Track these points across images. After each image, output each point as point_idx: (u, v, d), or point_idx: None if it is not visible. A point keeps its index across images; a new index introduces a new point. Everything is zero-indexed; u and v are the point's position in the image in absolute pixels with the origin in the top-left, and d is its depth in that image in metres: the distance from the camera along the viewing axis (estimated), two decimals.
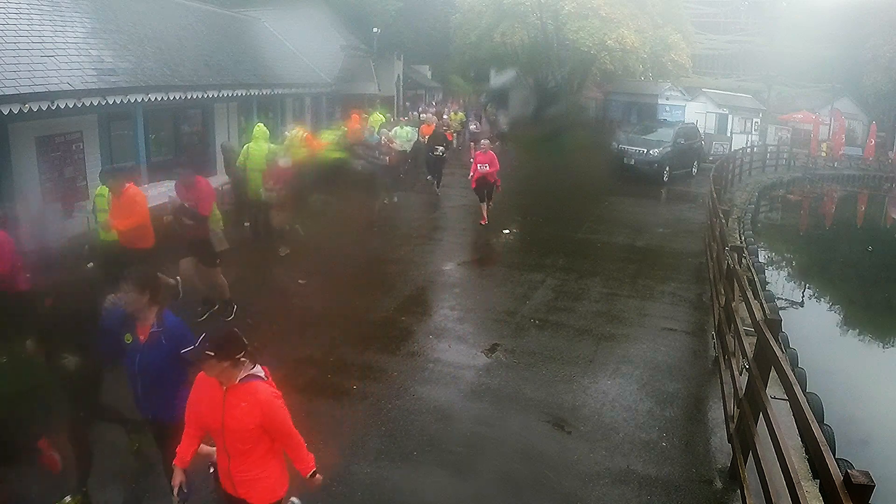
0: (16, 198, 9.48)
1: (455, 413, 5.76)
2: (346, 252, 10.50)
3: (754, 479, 4.25)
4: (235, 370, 3.08)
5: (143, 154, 11.63)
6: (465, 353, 7.01)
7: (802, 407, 3.48)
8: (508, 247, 12.05)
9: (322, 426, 5.38)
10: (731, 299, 6.66)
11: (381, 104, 23.21)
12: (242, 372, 3.12)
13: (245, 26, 19.25)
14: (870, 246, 17.62)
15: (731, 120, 30.80)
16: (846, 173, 28.59)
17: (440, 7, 31.94)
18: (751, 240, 14.16)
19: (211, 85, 13.45)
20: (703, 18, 36.43)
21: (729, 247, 7.74)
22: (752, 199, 20.35)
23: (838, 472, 2.84)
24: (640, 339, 7.65)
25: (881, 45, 30.35)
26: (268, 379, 3.24)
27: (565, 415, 5.79)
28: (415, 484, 4.76)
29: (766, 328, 4.63)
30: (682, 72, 27.25)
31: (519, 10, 26.29)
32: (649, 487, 4.81)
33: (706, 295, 9.28)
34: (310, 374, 6.32)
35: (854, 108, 32.35)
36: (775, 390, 5.10)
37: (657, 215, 15.59)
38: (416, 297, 8.83)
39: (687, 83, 31.47)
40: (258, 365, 3.21)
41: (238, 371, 3.09)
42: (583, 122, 30.99)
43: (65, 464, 4.54)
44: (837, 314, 12.87)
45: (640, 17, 25.07)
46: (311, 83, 19.12)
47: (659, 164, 19.79)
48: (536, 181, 18.85)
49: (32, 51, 9.56)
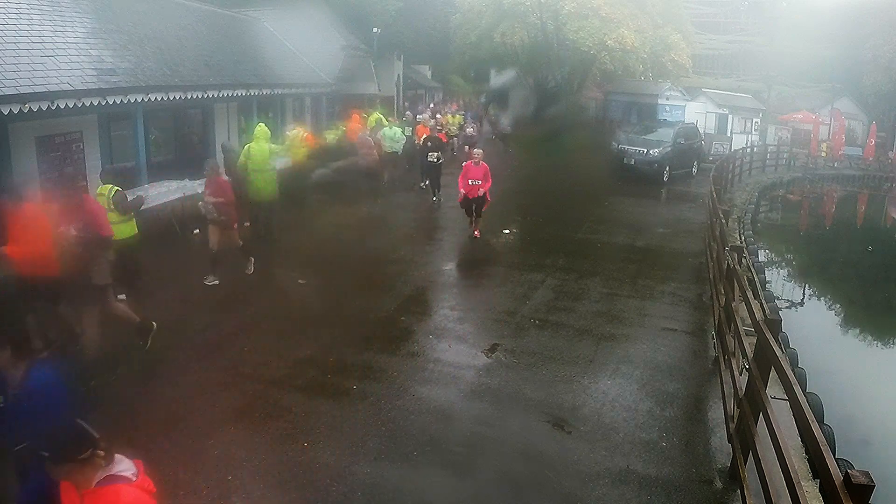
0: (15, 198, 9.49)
1: (455, 413, 5.76)
2: (345, 252, 10.51)
3: (754, 479, 4.25)
4: (86, 472, 2.46)
5: (143, 154, 11.64)
6: (465, 353, 7.01)
7: (802, 407, 3.48)
8: (508, 247, 12.05)
9: (322, 426, 5.39)
10: (731, 299, 6.66)
11: (381, 104, 23.20)
12: (101, 473, 2.48)
13: (245, 26, 19.25)
14: (870, 246, 17.61)
15: (731, 120, 30.80)
16: (846, 173, 28.58)
17: (440, 7, 31.94)
18: (751, 240, 14.17)
19: (211, 85, 13.45)
20: (703, 18, 36.43)
21: (729, 247, 7.73)
22: (752, 199, 20.34)
23: (838, 472, 2.84)
24: (640, 339, 7.65)
25: (881, 45, 30.36)
26: (138, 478, 2.55)
27: (565, 415, 5.79)
28: (415, 484, 4.76)
29: (766, 328, 4.63)
30: (682, 72, 27.26)
31: (519, 10, 26.29)
32: (649, 487, 4.81)
33: (706, 295, 9.27)
34: (310, 374, 6.32)
35: (854, 108, 32.35)
36: (775, 390, 5.10)
37: (657, 215, 15.58)
38: (416, 297, 8.83)
39: (687, 83, 31.47)
40: (128, 460, 2.58)
41: (92, 473, 2.46)
42: (583, 122, 30.99)
43: None
44: (837, 314, 12.87)
45: (640, 17, 25.08)
46: (311, 83, 19.13)
47: (659, 164, 19.79)
48: (536, 181, 18.86)
49: (32, 51, 9.56)
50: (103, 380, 5.78)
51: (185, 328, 7.24)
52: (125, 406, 5.54)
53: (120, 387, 5.86)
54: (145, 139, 11.87)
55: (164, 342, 6.89)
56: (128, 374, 6.11)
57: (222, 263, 8.78)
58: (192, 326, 7.30)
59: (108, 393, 5.74)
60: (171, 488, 4.52)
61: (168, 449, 4.95)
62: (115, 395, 5.72)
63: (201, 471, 4.73)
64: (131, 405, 5.56)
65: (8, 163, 9.46)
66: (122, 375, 6.09)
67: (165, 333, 7.11)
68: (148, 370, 6.23)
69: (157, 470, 4.65)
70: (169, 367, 6.33)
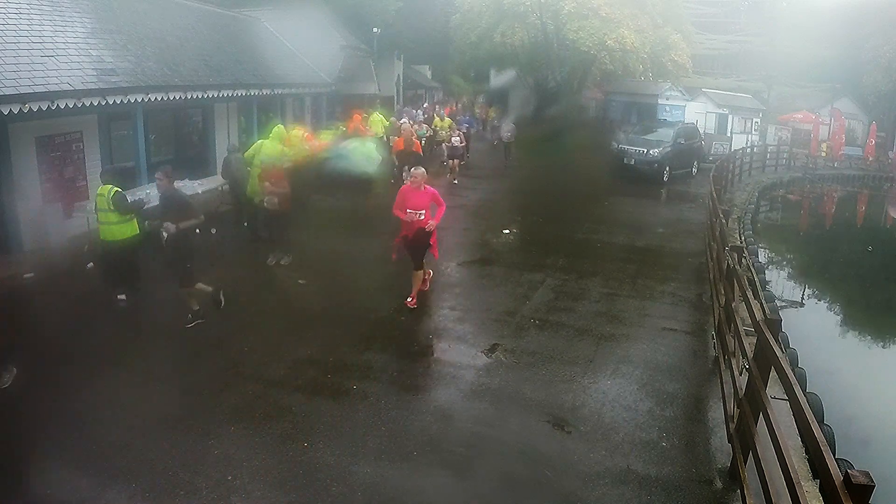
0: (15, 198, 9.50)
1: (455, 413, 5.76)
2: (345, 252, 10.50)
3: (754, 479, 4.25)
4: None
5: (143, 154, 11.65)
6: (465, 353, 7.01)
7: (802, 407, 3.48)
8: (508, 247, 12.04)
9: (322, 426, 5.39)
10: (731, 299, 6.66)
11: (381, 104, 23.17)
12: None
13: (245, 26, 19.25)
14: (870, 246, 17.61)
15: (731, 120, 30.79)
16: (846, 173, 28.58)
17: (440, 7, 31.96)
18: (751, 240, 14.17)
19: (211, 85, 13.45)
20: (703, 18, 36.42)
21: (729, 247, 7.73)
22: (752, 199, 20.34)
23: (838, 472, 2.84)
24: (640, 339, 7.65)
25: (881, 45, 30.38)
26: None
27: (565, 415, 5.79)
28: (415, 484, 4.76)
29: (766, 328, 4.63)
30: (682, 72, 27.27)
31: (519, 10, 26.30)
32: (649, 487, 4.81)
33: (706, 295, 9.27)
34: (310, 374, 6.32)
35: (854, 108, 32.35)
36: (775, 390, 5.10)
37: (657, 215, 15.58)
38: (417, 296, 8.82)
39: (687, 83, 31.48)
40: None
41: None
42: (583, 122, 30.99)
43: None
44: (837, 314, 12.87)
45: (640, 17, 25.08)
46: (311, 83, 19.14)
47: (659, 164, 19.79)
48: (536, 181, 18.86)
49: (32, 51, 9.57)
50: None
51: (185, 327, 7.24)
52: (125, 406, 5.55)
53: (119, 387, 5.86)
54: (145, 139, 11.87)
55: (164, 342, 6.90)
56: (128, 374, 6.12)
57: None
58: (191, 326, 7.29)
59: (108, 393, 5.75)
60: (171, 488, 4.53)
61: (168, 449, 4.95)
62: (113, 395, 5.73)
63: (201, 471, 4.73)
64: (132, 405, 5.57)
65: (8, 163, 9.47)
66: (122, 376, 6.09)
67: (165, 333, 7.12)
68: (148, 370, 6.23)
69: (158, 470, 4.69)
70: (169, 367, 6.34)
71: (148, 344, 6.83)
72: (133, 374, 6.13)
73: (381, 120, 17.97)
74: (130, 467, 4.72)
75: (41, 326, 7.05)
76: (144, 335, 7.10)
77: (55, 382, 5.87)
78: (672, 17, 26.98)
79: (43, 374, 6.01)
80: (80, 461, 4.78)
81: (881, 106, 31.90)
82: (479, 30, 27.83)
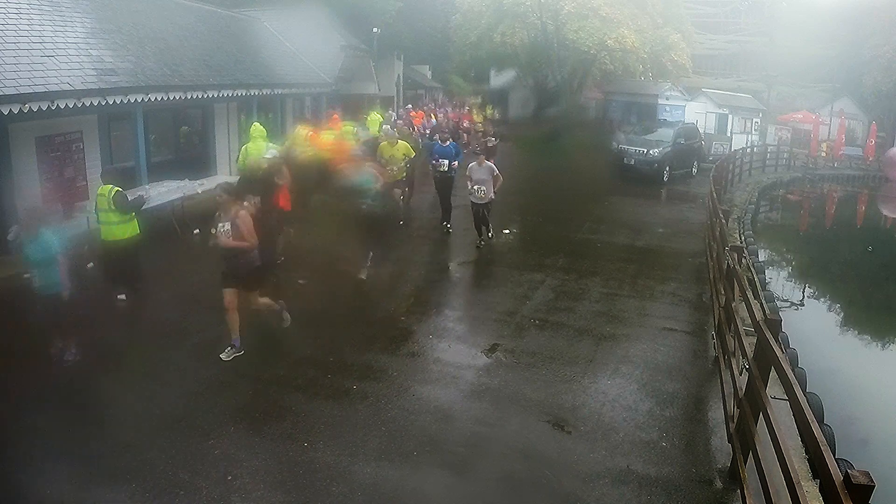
0: (16, 198, 9.50)
1: (455, 413, 5.76)
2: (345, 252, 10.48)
3: (754, 479, 4.25)
4: None
5: (143, 154, 11.64)
6: (465, 353, 7.01)
7: (802, 407, 3.48)
8: (508, 247, 12.03)
9: (322, 426, 5.39)
10: (731, 299, 6.66)
11: (381, 104, 23.15)
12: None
13: (245, 26, 19.25)
14: (870, 246, 17.61)
15: (731, 120, 30.79)
16: (846, 173, 28.57)
17: (440, 7, 31.98)
18: (751, 240, 14.16)
19: (211, 85, 13.45)
20: (703, 18, 36.40)
21: (729, 247, 7.73)
22: (751, 199, 20.34)
23: (838, 472, 2.84)
24: (640, 339, 7.65)
25: (881, 45, 30.36)
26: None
27: (565, 415, 5.79)
28: (415, 484, 4.76)
29: (766, 328, 4.63)
30: (682, 72, 27.30)
31: (519, 10, 26.33)
32: (649, 487, 4.81)
33: (706, 295, 9.27)
34: (310, 374, 6.32)
35: (854, 108, 32.34)
36: (775, 390, 5.10)
37: (657, 215, 15.58)
38: (417, 297, 8.83)
39: (687, 83, 31.50)
40: None
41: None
42: (583, 122, 30.97)
43: None
44: (837, 314, 12.86)
45: (640, 17, 25.11)
46: (311, 83, 19.13)
47: (659, 164, 19.79)
48: (536, 181, 18.84)
49: (32, 51, 9.57)
50: None
51: (186, 328, 7.25)
52: (125, 406, 5.55)
53: (118, 387, 5.87)
54: (145, 139, 11.87)
55: (164, 342, 6.90)
56: (127, 374, 6.11)
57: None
58: (192, 326, 7.29)
59: (108, 393, 5.75)
60: (171, 488, 4.53)
61: (168, 449, 4.95)
62: (112, 395, 5.73)
63: (201, 471, 4.73)
64: (132, 405, 5.57)
65: (8, 163, 9.47)
66: (122, 376, 6.09)
67: (165, 333, 7.12)
68: (148, 370, 6.23)
69: (158, 470, 4.69)
70: (168, 367, 6.34)
71: (148, 344, 6.83)
72: (133, 373, 6.13)
73: (380, 120, 17.94)
74: (130, 467, 4.72)
75: (41, 326, 7.04)
76: (144, 335, 7.09)
77: (55, 382, 5.87)
78: (672, 17, 27.01)
79: (43, 373, 6.01)
80: (80, 461, 4.78)
81: (881, 106, 31.88)
82: (479, 30, 27.85)
